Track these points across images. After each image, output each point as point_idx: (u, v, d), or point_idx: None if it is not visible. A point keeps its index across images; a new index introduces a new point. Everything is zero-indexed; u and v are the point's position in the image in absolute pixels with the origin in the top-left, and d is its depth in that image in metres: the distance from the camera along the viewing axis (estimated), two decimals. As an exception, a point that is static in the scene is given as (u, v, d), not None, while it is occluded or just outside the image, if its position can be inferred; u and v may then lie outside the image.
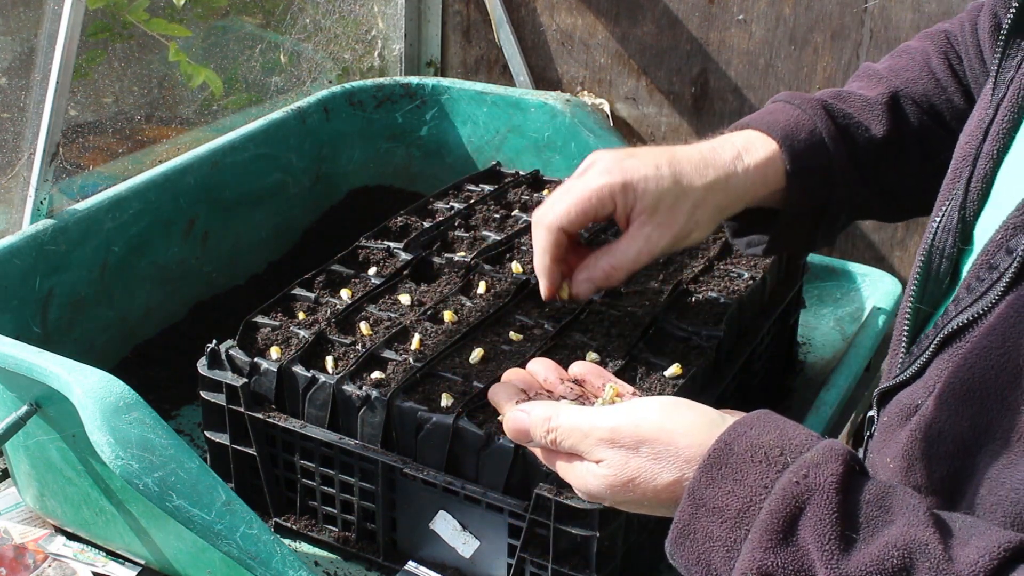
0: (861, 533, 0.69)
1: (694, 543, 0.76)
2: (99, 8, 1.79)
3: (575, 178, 1.07)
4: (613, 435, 0.80)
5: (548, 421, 0.84)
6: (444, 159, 1.80)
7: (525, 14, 2.01)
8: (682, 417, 0.79)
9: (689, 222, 1.05)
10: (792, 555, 0.70)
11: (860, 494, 0.71)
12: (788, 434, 0.75)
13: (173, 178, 1.50)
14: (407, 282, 1.27)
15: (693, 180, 1.04)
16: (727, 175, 1.06)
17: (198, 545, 1.05)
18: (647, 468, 0.79)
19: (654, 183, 1.03)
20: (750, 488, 0.73)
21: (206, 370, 1.15)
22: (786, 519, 0.70)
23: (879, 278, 1.55)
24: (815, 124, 1.10)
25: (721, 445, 0.75)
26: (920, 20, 1.69)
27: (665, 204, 1.04)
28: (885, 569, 0.67)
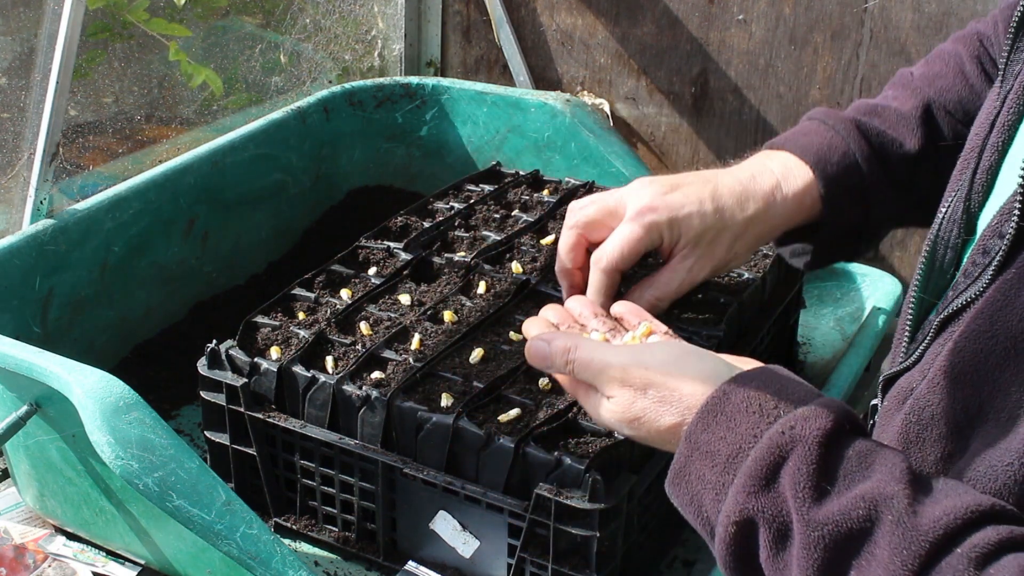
0: (836, 485, 0.72)
1: (688, 484, 0.80)
2: (99, 8, 1.79)
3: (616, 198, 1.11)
4: (624, 375, 0.86)
5: (567, 352, 0.90)
6: (444, 159, 1.80)
7: (525, 14, 2.01)
8: (690, 365, 0.85)
9: (729, 253, 1.10)
10: (771, 501, 0.74)
11: (844, 449, 0.74)
12: (787, 389, 0.80)
13: (173, 178, 1.50)
14: (407, 282, 1.27)
15: (735, 214, 1.08)
16: (767, 206, 1.09)
17: (198, 545, 1.05)
18: (652, 409, 0.84)
19: (698, 219, 1.07)
20: (741, 436, 0.77)
21: (206, 370, 1.15)
22: (769, 467, 0.74)
23: (879, 278, 1.55)
24: (848, 146, 1.11)
25: (720, 394, 0.80)
26: (920, 20, 1.69)
27: (707, 239, 1.08)
28: (850, 518, 0.70)
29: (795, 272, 1.38)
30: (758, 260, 1.31)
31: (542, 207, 1.44)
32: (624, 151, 1.70)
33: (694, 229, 1.08)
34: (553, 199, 1.45)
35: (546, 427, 1.04)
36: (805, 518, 0.72)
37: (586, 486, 0.99)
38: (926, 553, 0.68)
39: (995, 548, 0.68)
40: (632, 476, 1.03)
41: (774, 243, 1.21)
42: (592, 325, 0.99)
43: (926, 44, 1.70)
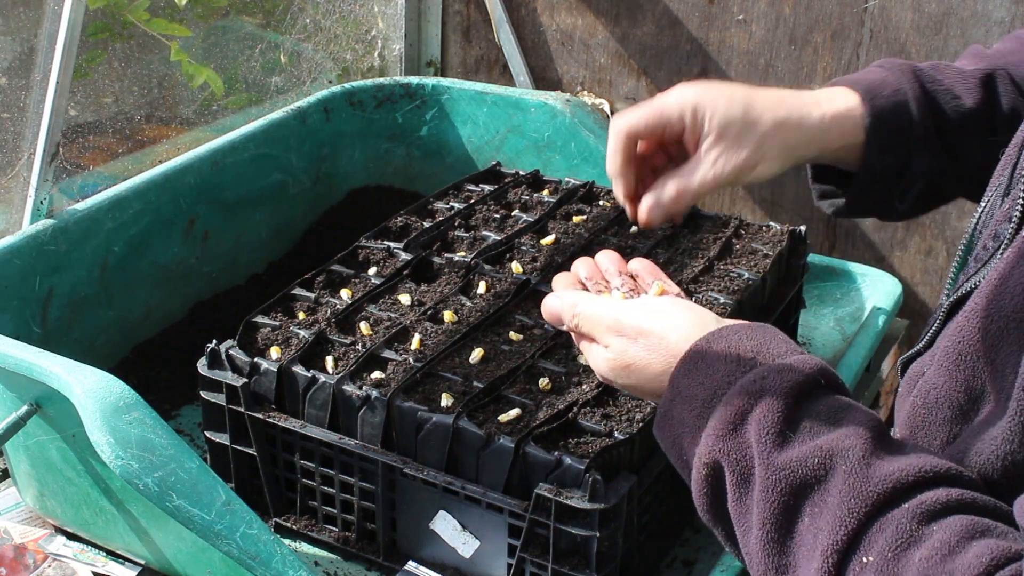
0: (800, 435, 0.75)
1: (670, 426, 0.84)
2: (99, 8, 1.79)
3: None
4: (618, 326, 0.89)
5: (573, 307, 0.94)
6: (444, 159, 1.80)
7: (525, 14, 2.01)
8: (680, 316, 0.88)
9: (755, 153, 1.08)
10: (737, 445, 0.77)
11: (814, 403, 0.77)
12: (768, 344, 0.82)
13: (173, 178, 1.50)
14: (407, 282, 1.27)
15: (763, 114, 1.08)
16: (800, 117, 1.08)
17: (198, 545, 1.05)
18: (642, 357, 0.87)
19: (723, 109, 1.07)
20: (717, 382, 0.80)
21: (206, 370, 1.15)
22: (738, 413, 0.77)
23: (879, 278, 1.55)
24: (901, 85, 1.10)
25: (704, 342, 0.84)
26: (920, 20, 1.69)
27: (732, 131, 1.07)
28: (807, 466, 0.73)
29: (795, 272, 1.38)
30: (758, 260, 1.31)
31: (542, 207, 1.44)
32: (624, 151, 1.70)
33: (718, 118, 1.07)
34: (553, 199, 1.45)
35: (546, 427, 1.04)
36: (766, 463, 0.75)
37: (586, 486, 0.99)
38: (872, 504, 0.70)
39: (942, 508, 0.70)
40: (632, 476, 1.03)
41: (810, 180, 1.19)
42: (615, 283, 1.01)
43: (926, 44, 1.70)
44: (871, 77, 1.12)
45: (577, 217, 1.42)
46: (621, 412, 1.07)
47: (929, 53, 1.70)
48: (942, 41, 1.68)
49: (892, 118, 1.09)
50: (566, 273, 1.04)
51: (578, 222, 1.40)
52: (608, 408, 1.08)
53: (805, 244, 1.38)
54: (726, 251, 1.33)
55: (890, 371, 1.66)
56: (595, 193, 1.49)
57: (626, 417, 1.06)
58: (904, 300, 1.54)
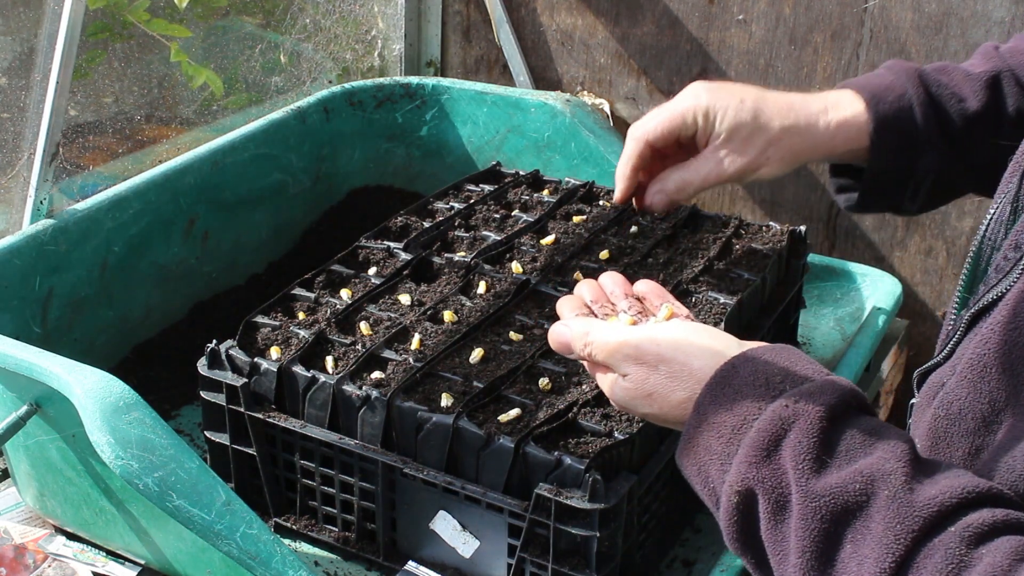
0: (837, 459, 0.74)
1: (696, 454, 0.82)
2: (99, 8, 1.79)
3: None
4: (637, 353, 0.87)
5: (585, 336, 0.92)
6: (444, 159, 1.80)
7: (525, 14, 2.01)
8: (700, 341, 0.86)
9: (761, 156, 1.13)
10: (772, 472, 0.75)
11: (847, 426, 0.75)
12: (796, 366, 0.81)
13: (173, 178, 1.50)
14: (407, 282, 1.27)
15: (772, 118, 1.12)
16: (808, 123, 1.12)
17: (198, 545, 1.05)
18: (664, 385, 0.86)
19: (734, 112, 1.12)
20: (746, 407, 0.79)
21: (206, 370, 1.15)
22: (771, 439, 0.76)
23: (879, 278, 1.55)
24: (906, 89, 1.13)
25: (729, 367, 0.82)
26: (920, 20, 1.69)
27: (741, 134, 1.12)
28: (847, 492, 0.71)
29: (795, 272, 1.38)
30: (758, 260, 1.31)
31: (542, 207, 1.44)
32: (624, 151, 1.70)
33: (728, 121, 1.12)
34: (553, 199, 1.45)
35: (546, 427, 1.04)
36: (804, 489, 0.73)
37: (586, 486, 0.99)
38: (919, 529, 0.69)
39: (989, 529, 0.69)
40: (632, 476, 1.03)
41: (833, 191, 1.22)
42: (621, 306, 1.00)
43: (926, 44, 1.70)
44: (877, 81, 1.14)
45: (577, 217, 1.42)
46: (621, 412, 1.07)
47: (929, 53, 1.70)
48: (942, 41, 1.68)
49: (896, 123, 1.11)
50: (571, 297, 1.02)
51: (578, 222, 1.40)
52: (608, 408, 1.08)
53: (805, 244, 1.38)
54: (726, 251, 1.33)
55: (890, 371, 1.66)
56: (595, 193, 1.49)
57: (626, 417, 1.06)
58: (904, 300, 1.54)
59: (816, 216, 1.87)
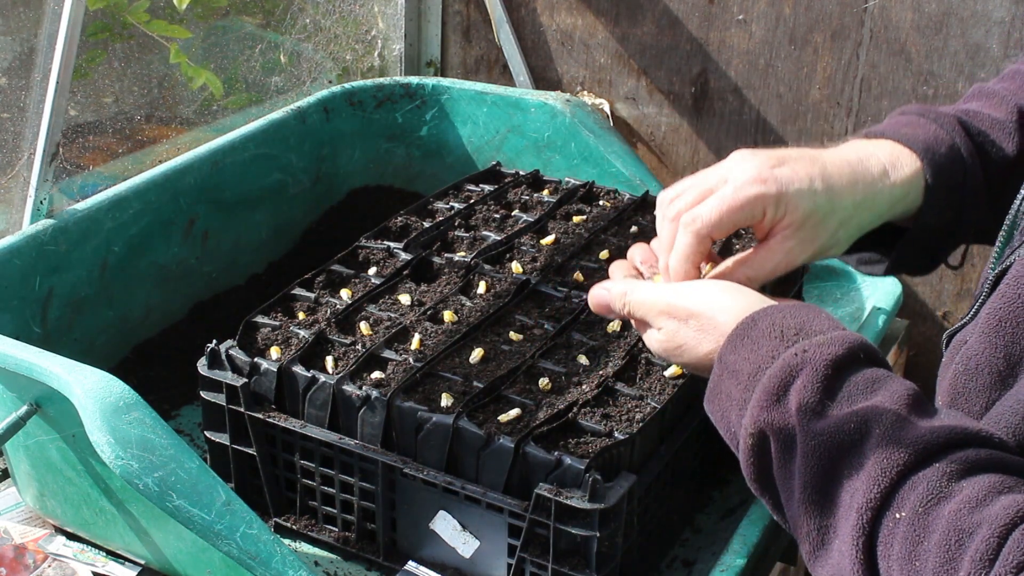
0: (838, 403, 0.79)
1: (719, 400, 0.88)
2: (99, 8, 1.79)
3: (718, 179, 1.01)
4: (670, 309, 0.95)
5: (624, 296, 0.99)
6: (444, 159, 1.80)
7: (525, 14, 2.01)
8: (728, 298, 0.93)
9: (831, 239, 1.02)
10: (780, 415, 0.81)
11: (852, 375, 0.81)
12: (811, 320, 0.86)
13: (173, 178, 1.50)
14: (407, 282, 1.27)
15: (844, 198, 1.01)
16: (874, 193, 1.02)
17: (198, 545, 1.05)
18: (692, 338, 0.93)
19: (808, 199, 0.99)
20: (761, 356, 0.84)
21: (206, 370, 1.15)
22: (780, 384, 0.81)
23: (879, 278, 1.55)
24: (954, 140, 1.06)
25: (749, 320, 0.88)
26: (920, 20, 1.69)
27: (813, 221, 1.00)
28: (843, 431, 0.77)
29: (795, 272, 1.38)
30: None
31: (542, 207, 1.44)
32: (624, 151, 1.70)
33: (802, 209, 0.99)
34: (553, 199, 1.45)
35: (546, 427, 1.04)
36: (805, 430, 0.78)
37: (586, 486, 0.99)
38: (904, 463, 0.74)
39: (971, 466, 0.73)
40: (632, 476, 1.03)
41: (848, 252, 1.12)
42: None
43: (926, 44, 1.70)
44: (923, 133, 1.07)
45: (577, 217, 1.42)
46: (621, 412, 1.07)
47: (929, 53, 1.70)
48: (942, 41, 1.68)
49: (949, 177, 1.05)
50: (622, 261, 1.08)
51: (578, 222, 1.40)
52: (608, 408, 1.08)
53: (805, 244, 1.38)
54: (726, 251, 1.33)
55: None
56: (595, 193, 1.49)
57: (626, 417, 1.06)
58: (904, 300, 1.53)
59: (816, 216, 1.87)
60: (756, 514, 1.08)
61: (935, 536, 0.71)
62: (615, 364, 1.14)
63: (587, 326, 1.20)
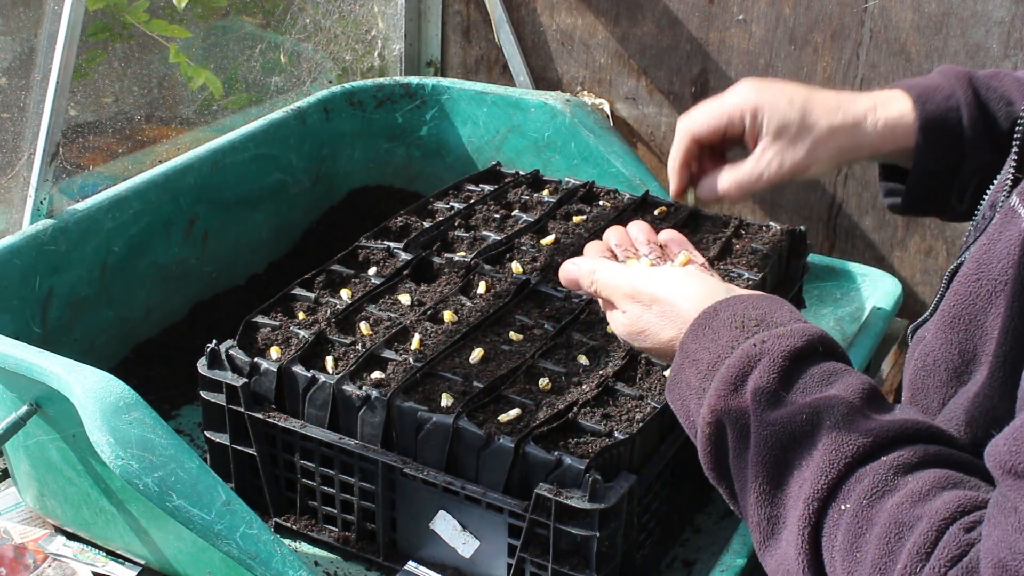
0: (793, 394, 0.80)
1: (679, 389, 0.89)
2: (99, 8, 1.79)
3: (720, 96, 1.16)
4: (634, 293, 0.96)
5: (592, 274, 1.00)
6: (444, 159, 1.80)
7: (525, 14, 2.01)
8: (691, 285, 0.93)
9: (809, 156, 1.12)
10: (737, 404, 0.82)
11: (809, 367, 0.81)
12: (773, 312, 0.86)
13: (173, 178, 1.50)
14: (407, 282, 1.27)
15: (819, 118, 1.11)
16: (855, 122, 1.12)
17: (198, 545, 1.05)
18: (655, 323, 0.93)
19: (781, 112, 1.11)
20: (721, 346, 0.85)
21: (206, 370, 1.15)
22: (738, 374, 0.82)
23: (879, 278, 1.55)
24: (954, 90, 1.13)
25: (711, 310, 0.89)
26: (920, 20, 1.69)
27: (788, 133, 1.11)
28: (795, 422, 0.78)
29: (795, 272, 1.38)
30: (758, 260, 1.31)
31: (542, 207, 1.44)
32: (624, 151, 1.70)
33: (775, 121, 1.11)
34: (553, 199, 1.45)
35: (546, 427, 1.04)
36: (759, 419, 0.79)
37: (586, 486, 0.99)
38: (852, 456, 0.75)
39: (919, 461, 0.74)
40: (632, 476, 1.03)
41: (883, 194, 1.22)
42: (643, 251, 1.06)
43: (926, 44, 1.70)
44: (926, 83, 1.15)
45: (577, 217, 1.42)
46: (621, 412, 1.07)
47: (929, 53, 1.70)
48: (942, 41, 1.68)
49: (942, 123, 1.12)
50: (597, 241, 1.09)
51: (578, 222, 1.40)
52: (608, 408, 1.08)
53: (805, 244, 1.38)
54: (726, 251, 1.33)
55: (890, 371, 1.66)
56: (595, 193, 1.49)
57: (626, 417, 1.06)
58: (904, 300, 1.53)
59: (816, 216, 1.87)
60: (756, 514, 1.08)
61: (876, 528, 0.72)
62: (615, 364, 1.14)
63: (587, 326, 1.20)
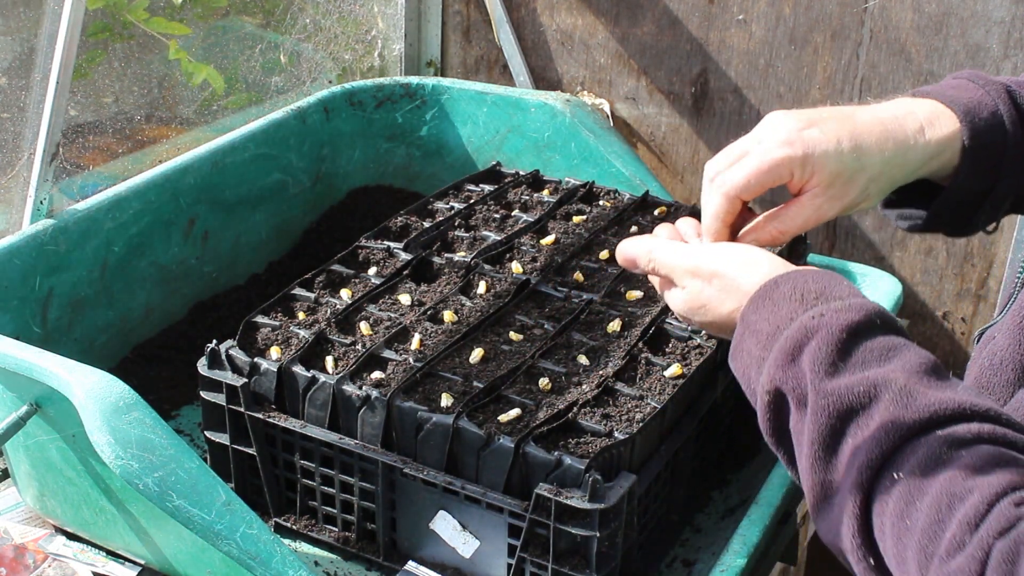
0: (850, 366, 0.81)
1: (740, 358, 0.91)
2: (99, 8, 1.79)
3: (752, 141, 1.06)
4: (695, 269, 0.97)
5: (650, 253, 1.01)
6: (444, 159, 1.80)
7: (525, 14, 2.00)
8: (751, 260, 0.96)
9: (861, 195, 1.06)
10: (794, 373, 0.83)
11: (868, 340, 0.83)
12: (833, 286, 0.88)
13: (173, 178, 1.50)
14: (407, 282, 1.27)
15: (872, 155, 1.04)
16: (906, 150, 1.06)
17: (198, 545, 1.05)
18: (716, 297, 0.95)
19: (835, 160, 1.03)
20: (781, 317, 0.87)
21: (206, 370, 1.15)
22: (796, 344, 0.84)
23: (879, 278, 1.55)
24: (997, 106, 1.09)
25: (772, 282, 0.91)
26: (920, 20, 1.69)
27: (841, 180, 1.04)
28: (853, 393, 0.79)
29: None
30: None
31: (542, 207, 1.44)
32: (624, 151, 1.70)
33: (829, 169, 1.02)
34: (553, 199, 1.45)
35: (546, 427, 1.04)
36: (816, 389, 0.81)
37: (586, 486, 0.99)
38: (909, 428, 0.76)
39: (974, 438, 0.75)
40: (632, 476, 1.03)
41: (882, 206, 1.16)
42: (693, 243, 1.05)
43: (926, 44, 1.70)
44: (967, 96, 1.09)
45: (577, 217, 1.42)
46: (621, 412, 1.07)
47: (929, 53, 1.70)
48: (942, 41, 1.68)
49: (988, 141, 1.07)
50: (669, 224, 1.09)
51: (578, 222, 1.40)
52: (608, 408, 1.08)
53: (805, 244, 1.38)
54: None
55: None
56: (595, 193, 1.49)
57: (626, 417, 1.06)
58: (904, 300, 1.53)
59: (816, 216, 1.87)
60: (756, 514, 1.08)
61: (928, 497, 0.73)
62: (615, 364, 1.13)
63: (587, 326, 1.20)
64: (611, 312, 1.22)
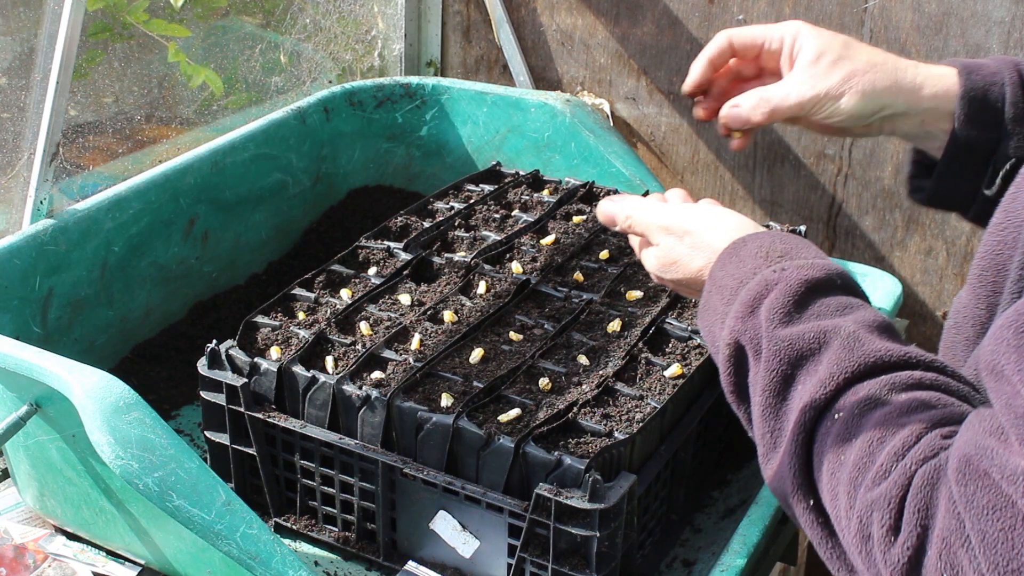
0: (804, 317, 0.84)
1: (707, 314, 0.93)
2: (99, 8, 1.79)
3: None
4: (668, 226, 1.01)
5: (626, 210, 1.05)
6: (444, 159, 1.80)
7: (525, 14, 2.00)
8: (722, 219, 0.99)
9: (843, 84, 1.10)
10: (752, 324, 0.85)
11: (826, 296, 0.86)
12: (800, 248, 0.90)
13: (173, 178, 1.50)
14: (407, 282, 1.27)
15: (860, 52, 1.11)
16: (896, 67, 1.11)
17: (198, 545, 1.05)
18: (686, 254, 0.98)
19: (824, 38, 1.11)
20: (744, 272, 0.89)
21: (206, 370, 1.15)
22: (755, 297, 0.86)
23: (879, 278, 1.55)
24: (999, 70, 1.13)
25: (739, 241, 0.93)
26: (920, 20, 1.69)
27: (826, 59, 1.10)
28: (804, 339, 0.82)
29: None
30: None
31: (542, 207, 1.44)
32: (624, 151, 1.70)
33: (816, 45, 1.10)
34: (553, 199, 1.45)
35: (546, 427, 1.04)
36: (769, 336, 0.83)
37: (586, 486, 0.99)
38: (852, 372, 0.79)
39: (914, 384, 0.77)
40: (632, 476, 1.03)
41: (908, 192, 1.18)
42: None
43: (926, 44, 1.70)
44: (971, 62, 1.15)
45: (577, 217, 1.42)
46: (621, 412, 1.07)
47: (929, 53, 1.70)
48: (942, 41, 1.68)
49: (985, 97, 1.11)
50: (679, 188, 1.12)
51: (578, 222, 1.40)
52: (608, 408, 1.08)
53: (805, 244, 1.38)
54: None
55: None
56: (595, 193, 1.49)
57: (626, 417, 1.06)
58: (904, 300, 1.53)
59: (816, 216, 1.87)
60: (756, 514, 1.08)
61: (863, 433, 0.76)
62: (615, 364, 1.14)
63: (587, 326, 1.20)
64: (611, 312, 1.22)
